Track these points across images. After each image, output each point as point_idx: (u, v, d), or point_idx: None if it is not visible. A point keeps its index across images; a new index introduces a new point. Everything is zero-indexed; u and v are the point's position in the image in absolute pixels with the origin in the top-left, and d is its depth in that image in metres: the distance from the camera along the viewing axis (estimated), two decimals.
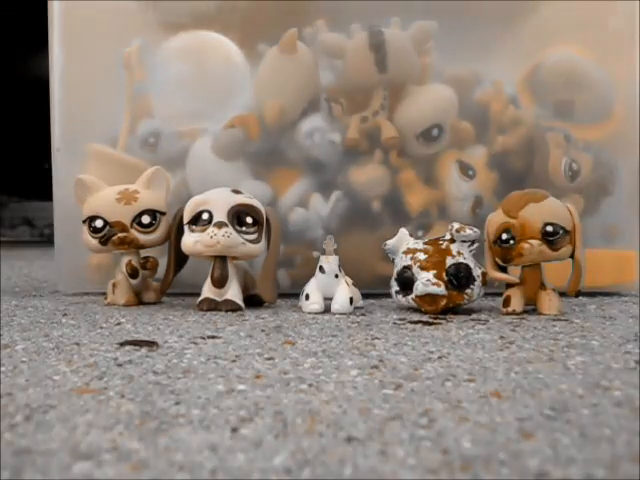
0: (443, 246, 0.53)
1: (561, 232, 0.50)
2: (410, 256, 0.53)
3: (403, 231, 0.56)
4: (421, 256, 0.53)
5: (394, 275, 0.55)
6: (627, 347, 0.39)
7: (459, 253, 0.52)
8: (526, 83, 0.68)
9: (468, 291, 0.52)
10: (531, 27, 0.66)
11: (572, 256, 0.52)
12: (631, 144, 0.67)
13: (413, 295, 0.52)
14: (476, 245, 0.54)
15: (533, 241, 0.50)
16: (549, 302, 0.52)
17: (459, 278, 0.52)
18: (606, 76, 0.67)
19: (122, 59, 0.65)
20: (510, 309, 0.52)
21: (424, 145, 0.65)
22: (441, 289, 0.51)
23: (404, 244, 0.55)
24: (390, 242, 0.55)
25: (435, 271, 0.52)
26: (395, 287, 0.54)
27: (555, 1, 0.67)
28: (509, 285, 0.53)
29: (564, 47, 0.68)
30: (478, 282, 0.52)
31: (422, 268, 0.52)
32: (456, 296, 0.52)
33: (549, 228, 0.50)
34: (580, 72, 0.67)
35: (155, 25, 0.67)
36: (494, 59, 0.67)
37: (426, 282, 0.51)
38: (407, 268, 0.53)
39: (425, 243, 0.54)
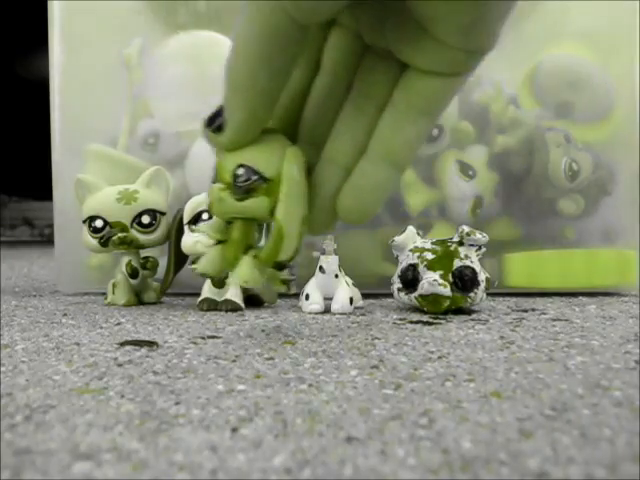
0: (451, 248, 0.53)
1: (254, 178, 0.35)
2: (417, 254, 0.53)
3: (411, 229, 0.56)
4: (429, 256, 0.53)
5: (397, 272, 0.55)
6: (627, 347, 0.39)
7: (466, 256, 0.52)
8: (526, 83, 0.68)
9: (472, 294, 0.52)
10: (531, 27, 0.66)
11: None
12: (631, 144, 0.67)
13: (416, 294, 0.52)
14: (483, 250, 0.54)
15: (215, 185, 0.37)
16: (240, 267, 0.38)
17: (464, 281, 0.52)
18: (606, 76, 0.68)
19: (122, 59, 0.65)
20: (199, 268, 0.40)
21: (424, 145, 0.65)
22: (447, 290, 0.51)
23: (411, 242, 0.55)
24: (398, 239, 0.55)
25: (442, 272, 0.52)
26: (397, 284, 0.54)
27: (555, 1, 0.67)
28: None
29: (564, 47, 0.68)
30: (482, 287, 0.52)
31: (429, 268, 0.52)
32: (459, 299, 0.52)
33: (239, 171, 0.35)
34: (580, 72, 0.67)
35: (155, 25, 0.67)
36: (494, 59, 0.67)
37: (433, 282, 0.51)
38: (413, 266, 0.53)
39: (433, 243, 0.54)
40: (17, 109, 1.80)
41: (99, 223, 0.56)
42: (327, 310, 0.53)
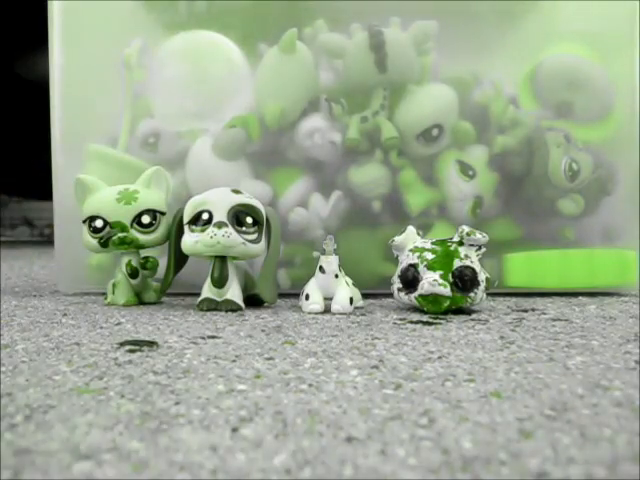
0: (451, 248, 0.53)
1: None
2: (417, 254, 0.53)
3: (411, 229, 0.56)
4: (429, 256, 0.53)
5: (397, 272, 0.55)
6: (627, 347, 0.39)
7: (466, 256, 0.52)
8: (526, 83, 0.68)
9: (472, 294, 0.52)
10: (531, 27, 0.66)
11: None
12: (631, 144, 0.67)
13: (416, 294, 0.52)
14: (483, 250, 0.54)
15: None
16: None
17: (464, 281, 0.52)
18: (606, 76, 0.68)
19: (122, 59, 0.65)
20: None
21: (424, 145, 0.65)
22: (447, 290, 0.51)
23: (411, 242, 0.55)
24: (398, 239, 0.55)
25: (442, 272, 0.52)
26: (397, 284, 0.54)
27: (555, 1, 0.67)
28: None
29: (564, 47, 0.68)
30: (482, 287, 0.52)
31: (429, 268, 0.52)
32: (459, 299, 0.52)
33: None
34: (580, 72, 0.67)
35: (155, 25, 0.67)
36: (494, 59, 0.67)
37: (433, 282, 0.51)
38: (412, 266, 0.53)
39: (433, 243, 0.54)
40: (17, 109, 1.80)
41: (99, 223, 0.56)
42: (327, 310, 0.53)
